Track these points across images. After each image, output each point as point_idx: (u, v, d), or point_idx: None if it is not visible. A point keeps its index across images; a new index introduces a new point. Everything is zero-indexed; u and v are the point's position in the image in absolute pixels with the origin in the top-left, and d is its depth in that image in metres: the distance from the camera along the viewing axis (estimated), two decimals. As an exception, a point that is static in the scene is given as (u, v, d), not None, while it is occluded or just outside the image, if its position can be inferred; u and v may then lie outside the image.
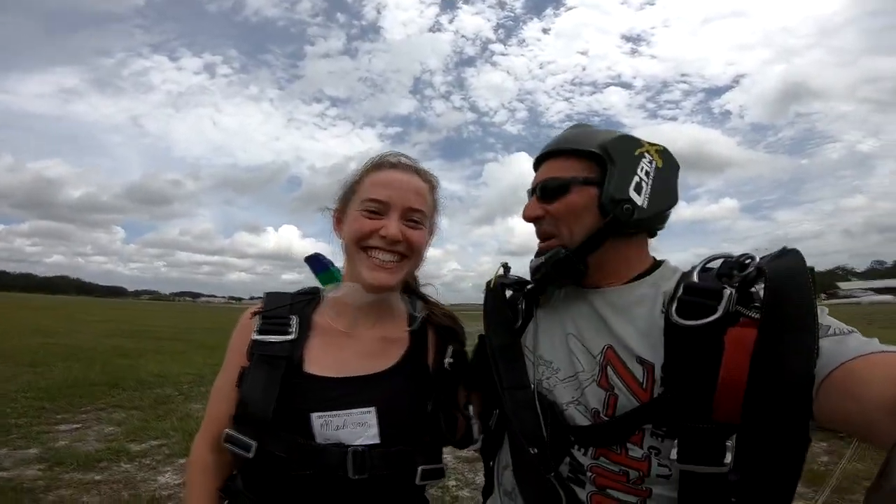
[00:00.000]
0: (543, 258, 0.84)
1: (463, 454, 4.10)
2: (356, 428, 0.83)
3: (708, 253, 0.78)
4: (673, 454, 0.64)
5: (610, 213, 0.78)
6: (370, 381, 0.88)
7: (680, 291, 0.69)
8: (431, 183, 0.99)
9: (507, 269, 1.02)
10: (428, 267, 1.06)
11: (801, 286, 0.59)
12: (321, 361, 0.89)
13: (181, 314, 43.76)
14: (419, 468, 0.86)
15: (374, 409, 0.84)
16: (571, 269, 0.81)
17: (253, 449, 0.81)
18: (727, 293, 0.64)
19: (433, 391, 0.91)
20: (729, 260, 0.71)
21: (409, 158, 0.98)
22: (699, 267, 0.74)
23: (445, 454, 0.94)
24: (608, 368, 0.74)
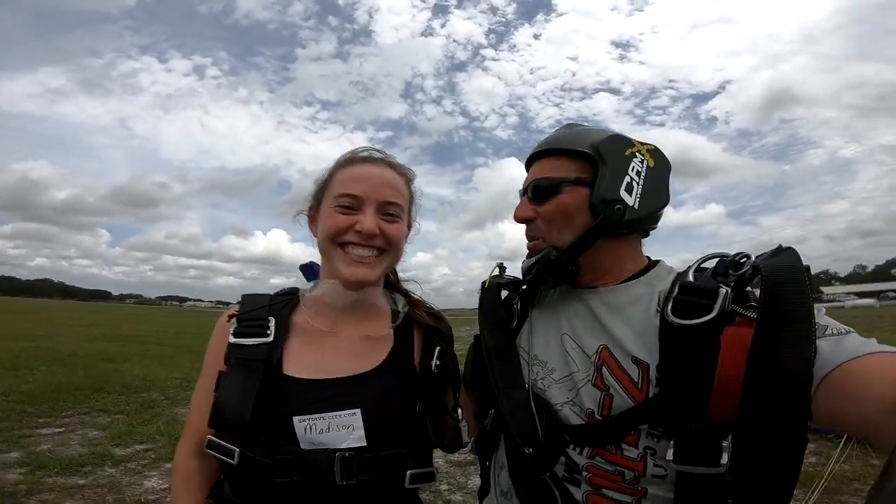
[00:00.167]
0: (534, 259, 0.84)
1: (455, 458, 4.08)
2: (341, 430, 0.81)
3: (694, 258, 0.77)
4: (669, 455, 0.63)
5: (601, 213, 0.78)
6: (354, 381, 0.86)
7: (675, 291, 0.69)
8: (406, 176, 0.97)
9: (502, 269, 1.01)
10: (418, 272, 1.05)
11: (797, 284, 0.59)
12: (302, 363, 0.86)
13: (167, 318, 43.11)
14: (408, 472, 0.84)
15: (359, 410, 0.82)
16: (562, 269, 0.81)
17: (236, 455, 0.79)
18: (723, 292, 0.64)
19: (421, 392, 0.89)
20: (724, 259, 0.71)
21: (381, 152, 0.96)
22: (694, 266, 0.73)
23: (437, 458, 0.92)
24: (603, 368, 0.74)
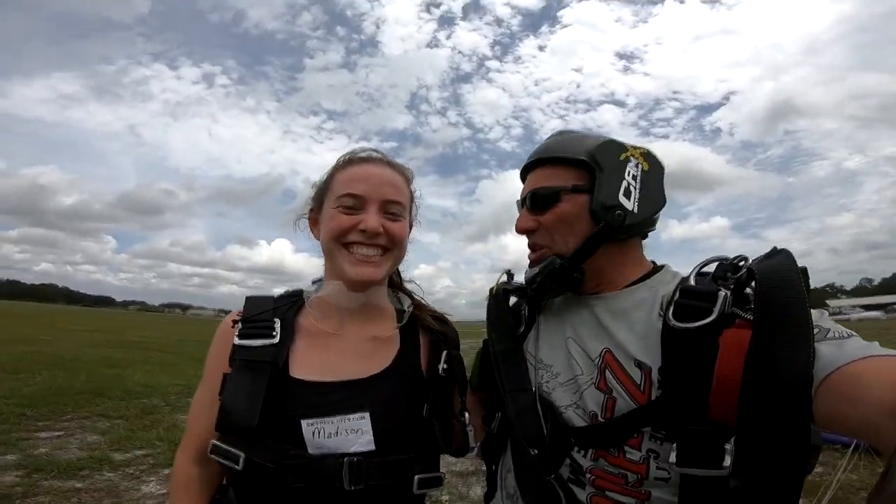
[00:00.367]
0: (538, 268, 0.84)
1: (456, 467, 4.05)
2: (350, 435, 0.80)
3: None
4: (672, 457, 0.63)
5: (602, 219, 0.78)
6: (363, 384, 0.85)
7: (677, 295, 0.69)
8: (406, 175, 0.97)
9: (510, 275, 1.02)
10: (421, 283, 1.05)
11: (789, 283, 0.59)
12: (308, 365, 0.85)
13: (170, 325, 43.19)
14: (416, 477, 0.83)
15: (368, 414, 0.81)
16: (567, 277, 0.82)
17: (241, 460, 0.77)
18: (722, 295, 0.64)
19: (428, 396, 0.88)
20: (724, 262, 0.72)
21: (380, 152, 0.96)
22: (696, 270, 0.74)
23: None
24: (606, 371, 0.74)
